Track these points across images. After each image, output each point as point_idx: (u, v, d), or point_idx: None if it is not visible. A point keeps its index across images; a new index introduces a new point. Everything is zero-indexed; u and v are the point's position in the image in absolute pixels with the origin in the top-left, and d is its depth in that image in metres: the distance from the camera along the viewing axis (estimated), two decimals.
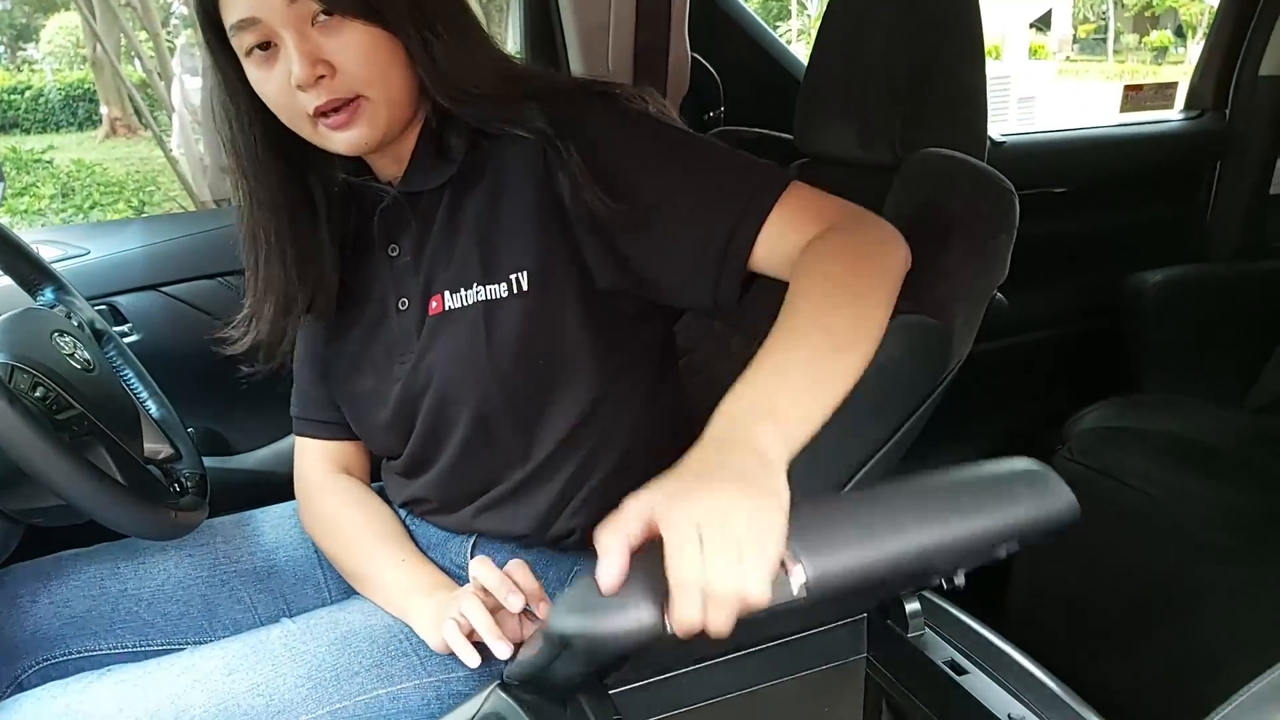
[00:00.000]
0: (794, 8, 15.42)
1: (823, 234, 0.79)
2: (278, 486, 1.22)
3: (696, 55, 1.67)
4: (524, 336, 0.90)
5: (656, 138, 0.88)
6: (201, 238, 1.55)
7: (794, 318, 0.71)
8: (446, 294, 0.92)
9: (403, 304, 0.96)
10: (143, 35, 7.91)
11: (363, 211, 0.99)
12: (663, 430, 0.99)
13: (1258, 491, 1.50)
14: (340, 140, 0.86)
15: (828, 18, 1.31)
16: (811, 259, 0.77)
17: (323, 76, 0.82)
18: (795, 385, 0.66)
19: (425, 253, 0.95)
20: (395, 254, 0.97)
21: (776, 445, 0.60)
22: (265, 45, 0.83)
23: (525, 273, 0.89)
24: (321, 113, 0.84)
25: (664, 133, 0.88)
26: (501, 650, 0.82)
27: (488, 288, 0.90)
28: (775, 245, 0.82)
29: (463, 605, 0.86)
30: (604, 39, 1.58)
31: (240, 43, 0.84)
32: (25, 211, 4.94)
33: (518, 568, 0.87)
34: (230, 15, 0.83)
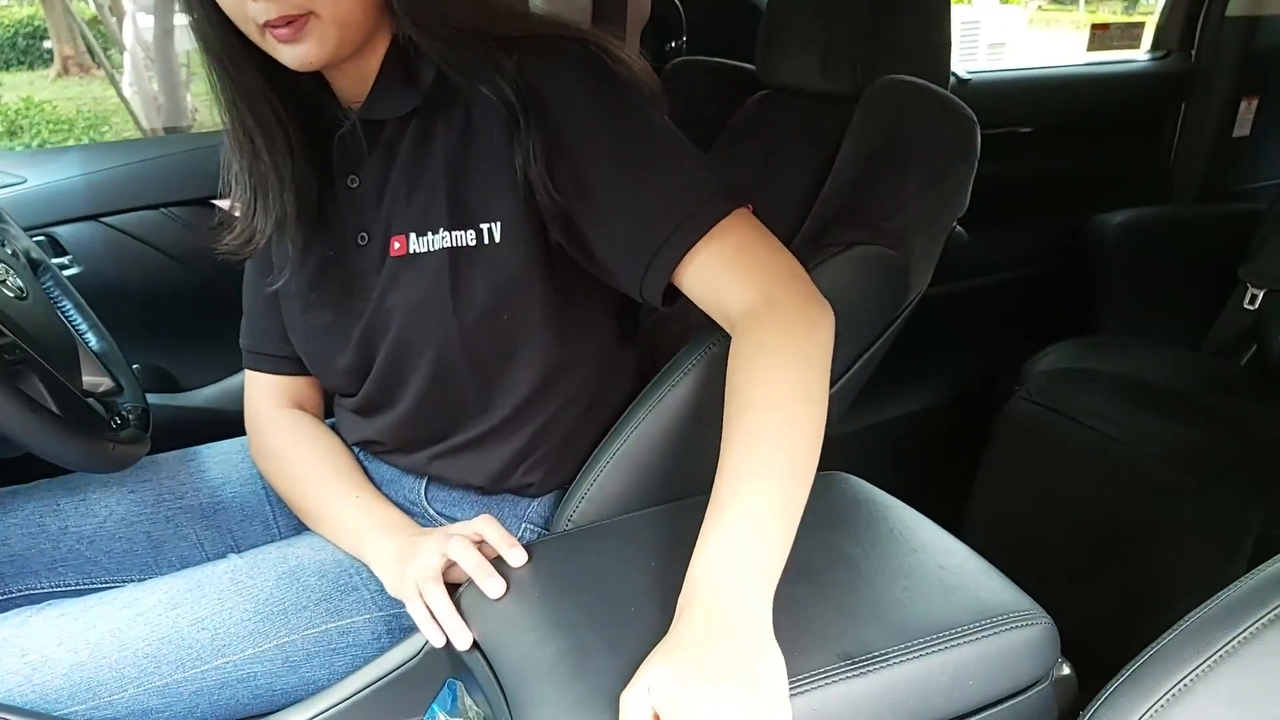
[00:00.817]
0: None
1: (756, 319, 0.77)
2: (227, 424, 1.19)
3: None
4: (490, 289, 0.86)
5: (619, 124, 0.83)
6: (144, 166, 1.48)
7: (754, 441, 0.71)
8: (412, 236, 0.87)
9: (362, 239, 0.92)
10: None
11: (318, 135, 0.92)
12: (624, 390, 0.98)
13: (1210, 431, 1.52)
14: (287, 54, 0.79)
15: None
16: (754, 358, 0.75)
17: None
18: (770, 527, 0.67)
19: (388, 186, 0.90)
20: (354, 185, 0.91)
21: (763, 597, 0.63)
22: None
23: (498, 224, 0.85)
24: (270, 25, 0.77)
25: (627, 118, 0.83)
26: (494, 588, 0.78)
27: (454, 234, 0.86)
28: (702, 274, 0.81)
29: (450, 548, 0.82)
30: None
31: None
32: None
33: (488, 523, 0.85)
34: None
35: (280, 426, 1.06)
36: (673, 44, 1.70)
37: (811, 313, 0.79)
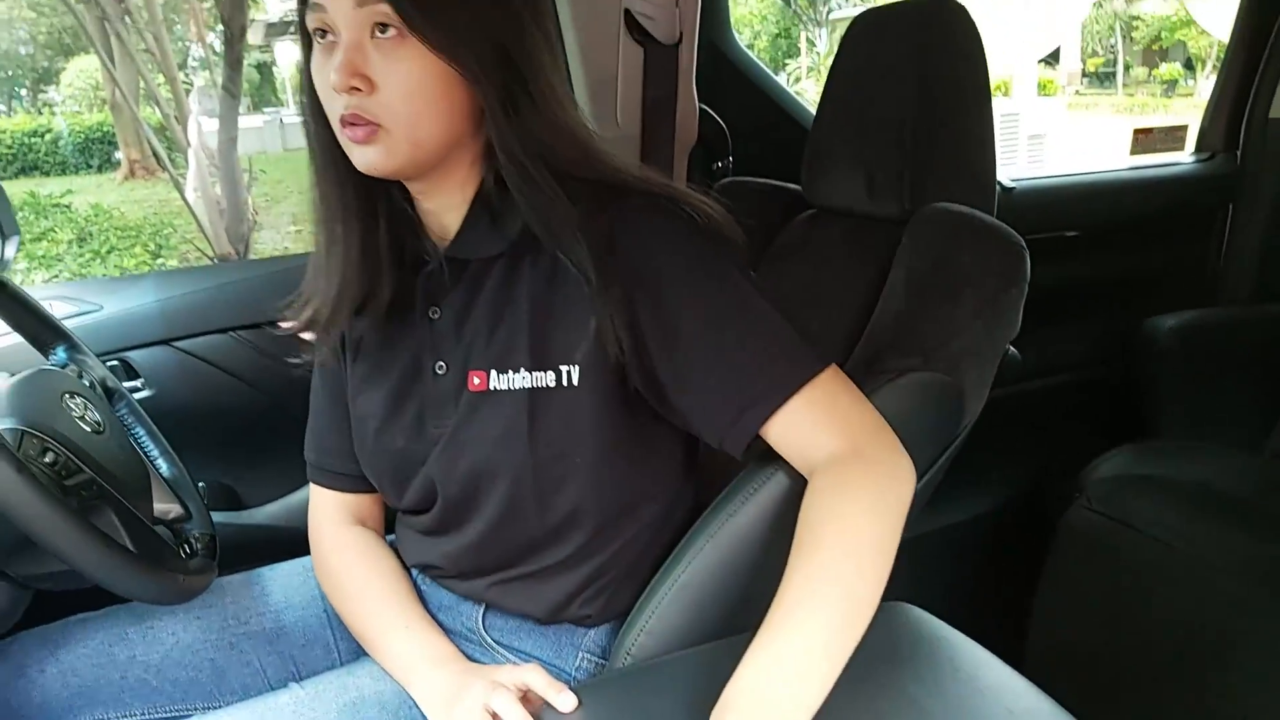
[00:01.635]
0: (803, 45, 15.58)
1: (842, 464, 0.79)
2: (289, 542, 1.21)
3: (705, 106, 1.68)
4: (566, 429, 0.88)
5: (709, 286, 0.84)
6: (215, 291, 1.55)
7: (817, 577, 0.72)
8: (493, 373, 0.89)
9: (440, 368, 0.93)
10: (160, 79, 8.05)
11: (404, 266, 0.94)
12: (684, 517, 0.99)
13: None
14: (357, 155, 0.82)
15: (834, 70, 1.32)
16: (834, 500, 0.77)
17: (358, 90, 0.79)
18: (816, 662, 0.68)
19: (469, 321, 0.92)
20: (436, 317, 0.93)
21: None
22: (326, 33, 0.80)
23: (577, 368, 0.87)
24: (347, 121, 0.80)
25: (717, 280, 0.84)
26: None
27: (535, 375, 0.88)
28: (789, 431, 0.82)
29: (494, 702, 0.82)
30: (612, 91, 1.59)
31: (309, 20, 0.81)
32: (43, 257, 5.01)
33: (535, 672, 0.84)
34: None
35: (341, 544, 1.08)
36: (719, 164, 1.75)
37: (897, 466, 0.80)
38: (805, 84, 13.65)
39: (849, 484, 0.77)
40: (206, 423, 1.51)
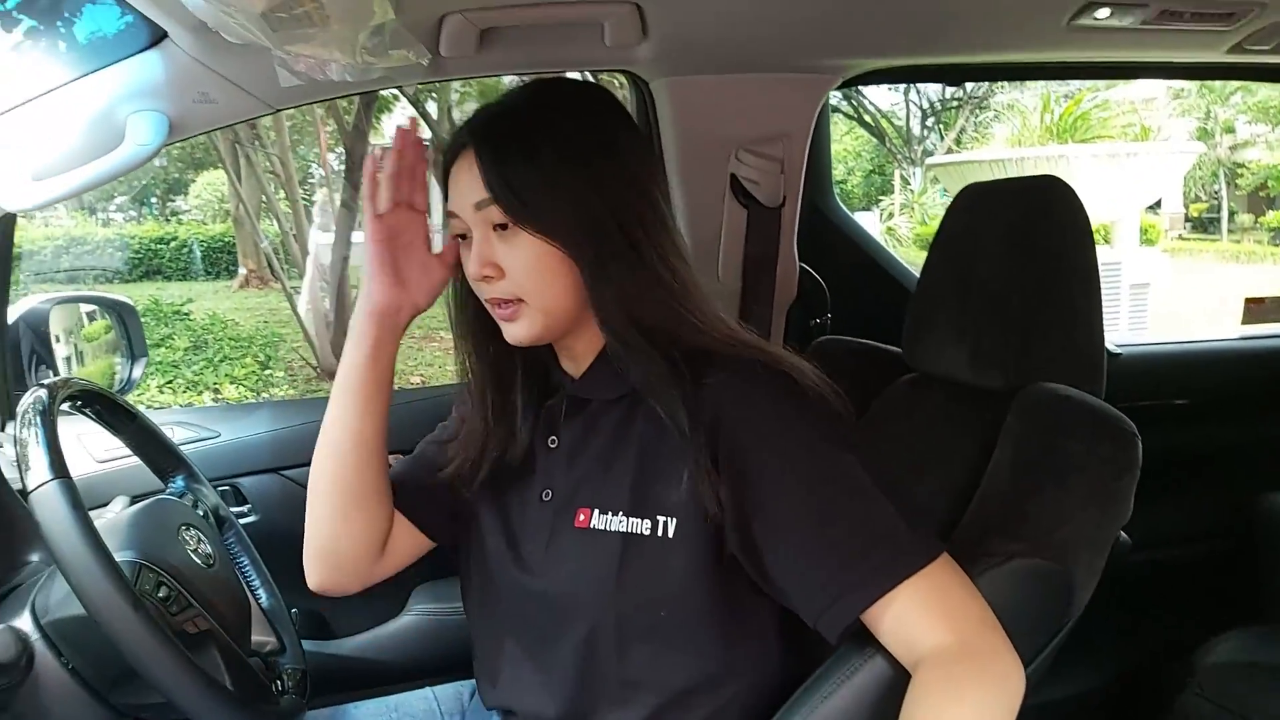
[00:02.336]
0: (896, 182, 15.78)
1: (949, 660, 0.77)
2: (377, 675, 1.22)
3: (804, 265, 1.72)
4: (654, 581, 0.88)
5: (811, 459, 0.85)
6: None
7: None
8: (595, 511, 0.91)
9: (546, 494, 0.97)
10: (281, 195, 8.59)
11: (535, 392, 1.02)
12: (772, 701, 0.95)
13: None
14: (506, 330, 0.93)
15: (939, 235, 1.34)
16: (942, 700, 0.75)
17: (490, 277, 0.90)
18: None
19: (581, 457, 0.95)
20: (553, 446, 0.98)
21: None
22: (464, 235, 0.92)
23: (674, 520, 0.88)
24: (493, 303, 0.92)
25: (820, 454, 0.86)
26: None
27: (632, 520, 0.89)
28: (893, 620, 0.81)
29: None
30: (715, 248, 1.64)
31: (452, 227, 0.94)
32: (160, 363, 5.28)
33: None
34: (448, 203, 0.94)
35: None
36: (817, 321, 1.77)
37: (1007, 666, 0.78)
38: (898, 220, 13.76)
39: (957, 684, 0.75)
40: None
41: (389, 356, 0.98)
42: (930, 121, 15.56)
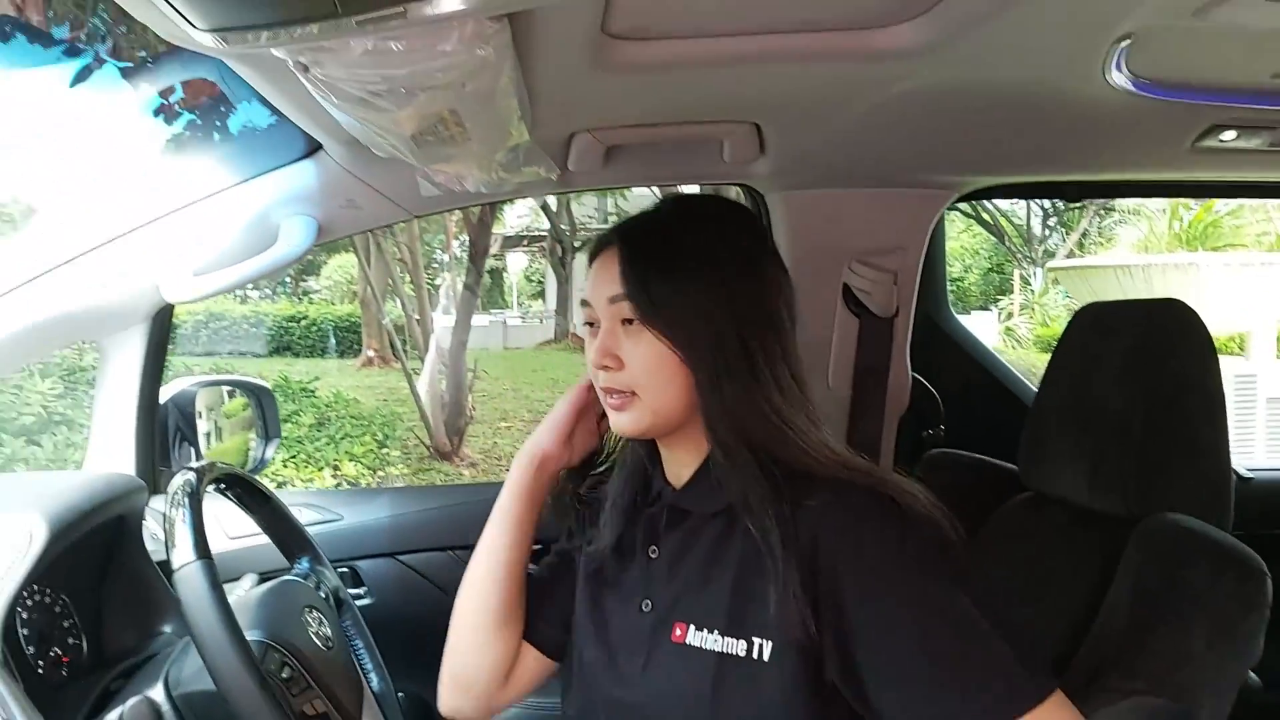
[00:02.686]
0: (1016, 282, 15.45)
1: None
2: None
3: (917, 375, 1.71)
4: (749, 704, 0.87)
5: (916, 591, 0.84)
6: (439, 512, 1.68)
7: None
8: (692, 628, 0.91)
9: (645, 605, 0.96)
10: (406, 279, 8.99)
11: (636, 504, 1.04)
12: None
13: None
14: (612, 419, 0.97)
15: (1058, 352, 1.32)
16: None
17: (609, 367, 0.94)
18: None
19: (681, 569, 0.95)
20: (654, 556, 0.99)
21: None
22: (593, 323, 0.98)
23: (769, 643, 0.86)
24: (605, 391, 0.96)
25: (927, 587, 0.84)
26: None
27: (727, 640, 0.88)
28: None
29: None
30: (825, 354, 1.65)
31: (583, 314, 1.00)
32: (286, 438, 5.53)
33: None
34: (585, 292, 0.99)
35: None
36: (929, 432, 1.75)
37: None
38: (1018, 320, 13.42)
39: None
40: (414, 634, 1.58)
41: (538, 498, 1.07)
42: (1052, 222, 15.25)
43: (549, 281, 19.47)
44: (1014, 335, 12.85)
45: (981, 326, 14.85)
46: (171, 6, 0.64)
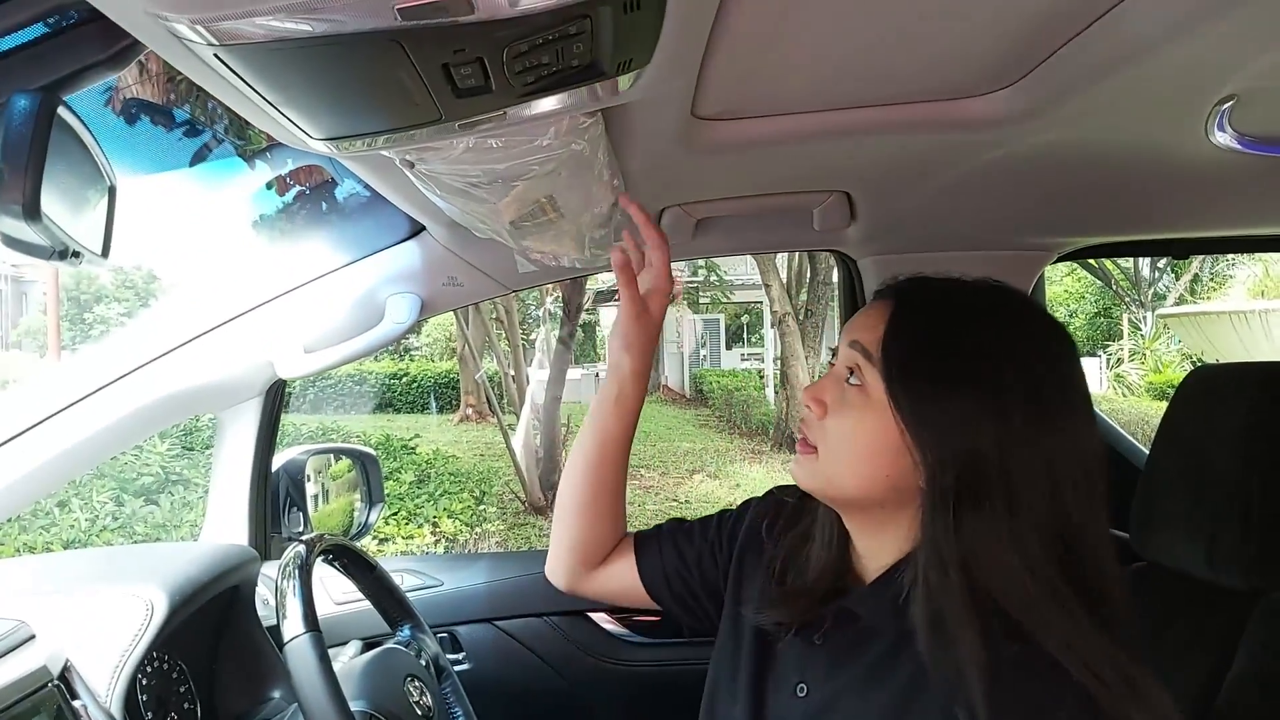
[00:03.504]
0: (1125, 327, 14.91)
1: None
2: None
3: None
4: None
5: None
6: (536, 578, 1.69)
7: None
8: None
9: (801, 689, 0.90)
10: (502, 335, 9.19)
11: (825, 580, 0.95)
12: None
13: None
14: (793, 463, 0.90)
15: (1169, 417, 1.27)
16: None
17: (809, 409, 0.88)
18: None
19: (845, 670, 0.88)
20: (819, 643, 0.91)
21: None
22: (834, 361, 0.92)
23: None
24: (800, 431, 0.90)
25: None
26: None
27: None
28: None
29: None
30: None
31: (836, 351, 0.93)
32: (388, 495, 5.68)
33: None
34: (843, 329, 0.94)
35: None
36: None
37: None
38: (1127, 367, 12.93)
39: None
40: (511, 700, 1.61)
41: (645, 356, 1.10)
42: (1161, 264, 14.71)
43: None
44: (1124, 382, 12.38)
45: (1089, 374, 14.36)
46: (289, 119, 0.69)
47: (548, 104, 0.75)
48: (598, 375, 18.27)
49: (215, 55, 0.57)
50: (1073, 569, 0.77)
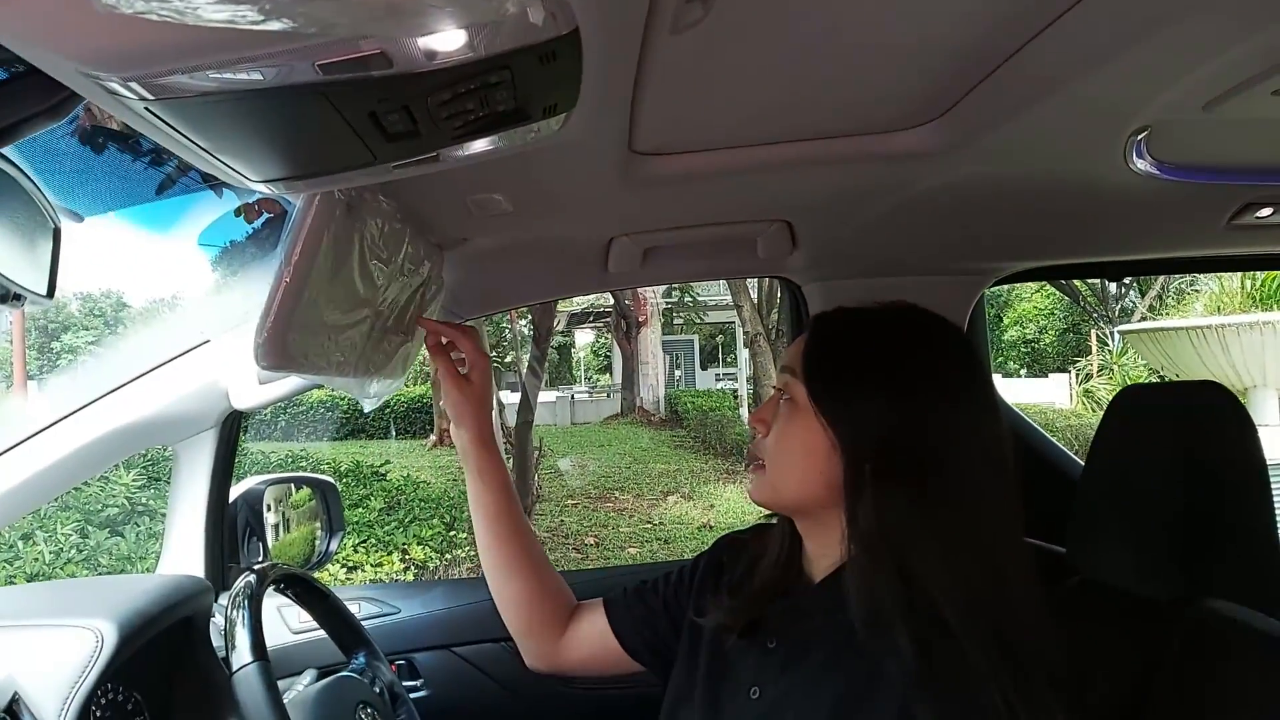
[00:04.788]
0: (1093, 343, 15.11)
1: None
2: None
3: None
4: None
5: None
6: (492, 603, 1.70)
7: None
8: None
9: (754, 692, 0.95)
10: None
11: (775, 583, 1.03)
12: None
13: None
14: (748, 484, 1.00)
15: (1100, 436, 1.31)
16: None
17: (755, 430, 0.99)
18: None
19: (796, 667, 0.94)
20: (771, 646, 0.97)
21: None
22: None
23: None
24: (749, 455, 0.99)
25: None
26: None
27: None
28: None
29: None
30: None
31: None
32: (357, 523, 5.64)
33: None
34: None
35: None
36: None
37: None
38: (1096, 382, 13.08)
39: None
40: None
41: (480, 423, 1.18)
42: (1127, 280, 14.93)
43: (615, 356, 19.67)
44: (1093, 397, 12.51)
45: (1058, 389, 14.52)
46: (226, 164, 0.71)
47: (480, 145, 0.78)
48: (573, 398, 18.29)
49: (148, 109, 0.60)
50: (985, 554, 0.87)
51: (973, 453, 0.90)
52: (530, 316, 8.66)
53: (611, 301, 15.82)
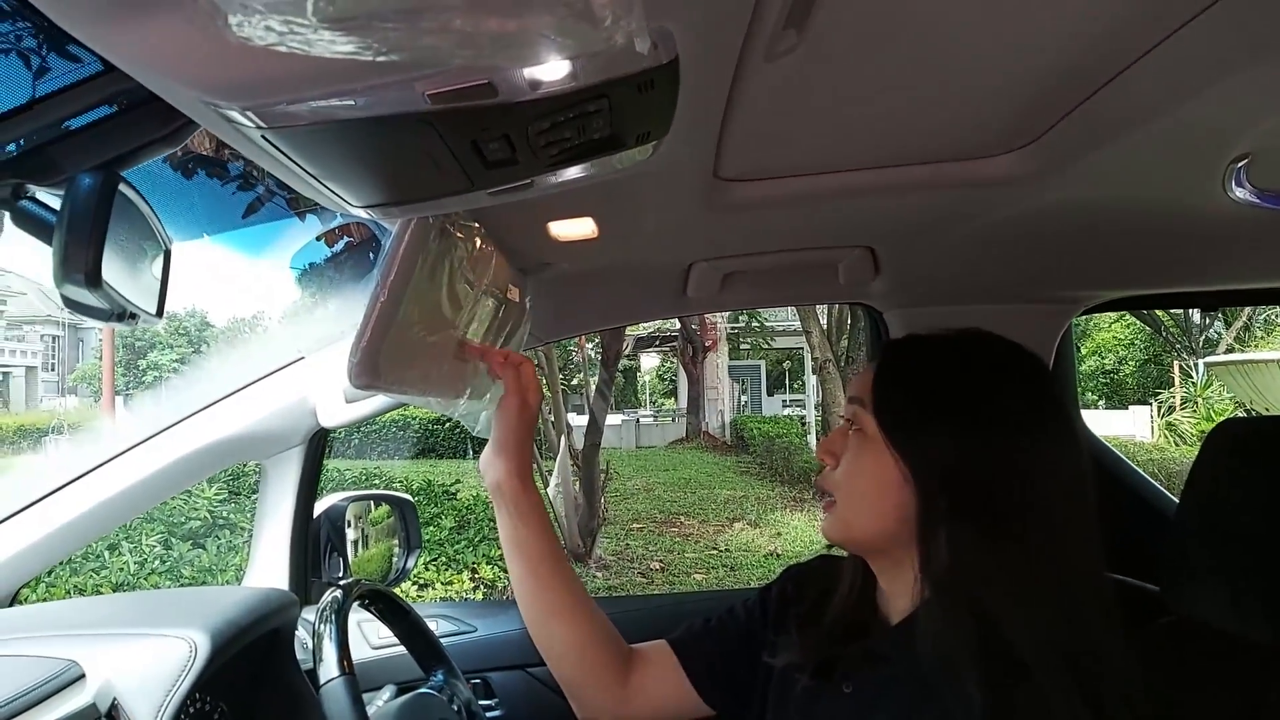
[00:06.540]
0: (1175, 375, 14.64)
1: None
2: None
3: None
4: None
5: None
6: None
7: None
8: None
9: None
10: (543, 381, 9.25)
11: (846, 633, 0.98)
12: None
13: None
14: (821, 519, 0.96)
15: (1195, 472, 1.27)
16: None
17: (824, 462, 0.96)
18: None
19: (873, 715, 0.91)
20: (847, 691, 0.94)
21: None
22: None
23: None
24: (818, 489, 0.96)
25: None
26: None
27: None
28: None
29: None
30: None
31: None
32: (428, 541, 5.72)
33: None
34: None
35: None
36: None
37: None
38: (1179, 415, 12.66)
39: None
40: None
41: (521, 452, 1.07)
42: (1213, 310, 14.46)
43: (680, 380, 19.68)
44: (1176, 431, 12.11)
45: (1139, 422, 14.10)
46: (330, 190, 0.74)
47: (572, 172, 0.80)
48: (638, 421, 18.34)
49: (263, 136, 0.62)
50: (1065, 593, 0.84)
51: (1049, 488, 0.87)
52: (599, 340, 8.72)
53: (678, 326, 15.84)
